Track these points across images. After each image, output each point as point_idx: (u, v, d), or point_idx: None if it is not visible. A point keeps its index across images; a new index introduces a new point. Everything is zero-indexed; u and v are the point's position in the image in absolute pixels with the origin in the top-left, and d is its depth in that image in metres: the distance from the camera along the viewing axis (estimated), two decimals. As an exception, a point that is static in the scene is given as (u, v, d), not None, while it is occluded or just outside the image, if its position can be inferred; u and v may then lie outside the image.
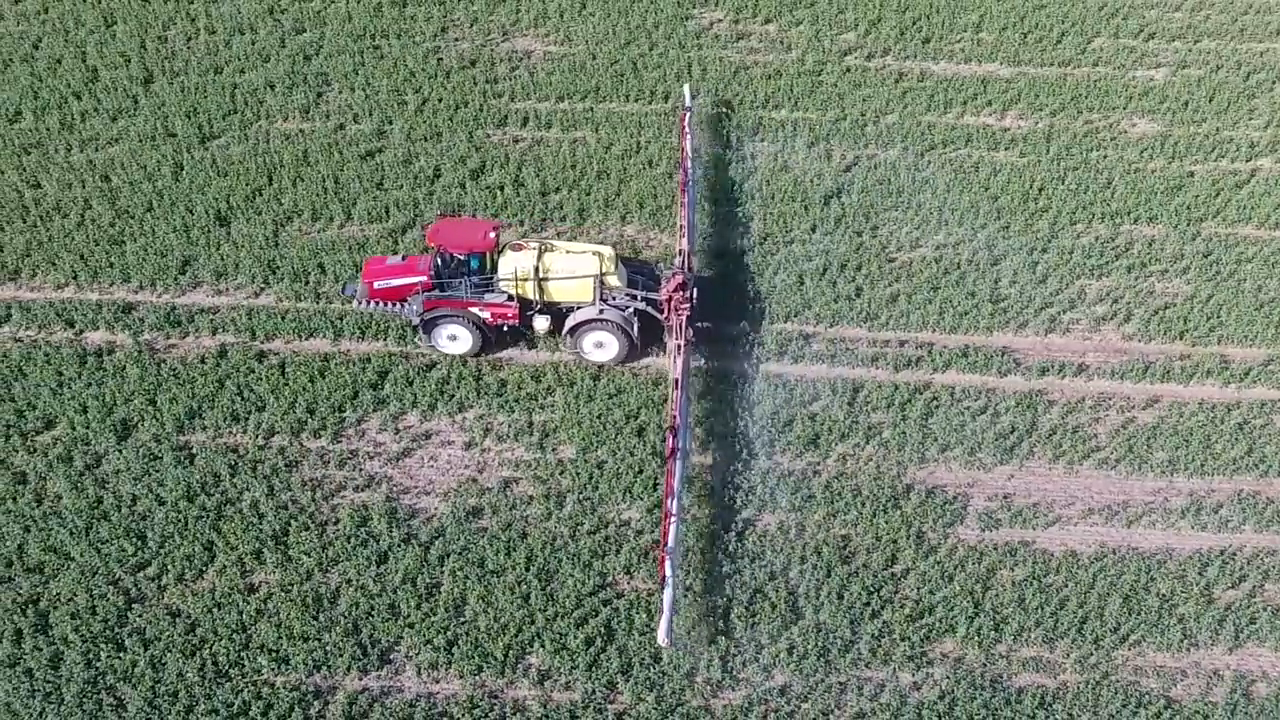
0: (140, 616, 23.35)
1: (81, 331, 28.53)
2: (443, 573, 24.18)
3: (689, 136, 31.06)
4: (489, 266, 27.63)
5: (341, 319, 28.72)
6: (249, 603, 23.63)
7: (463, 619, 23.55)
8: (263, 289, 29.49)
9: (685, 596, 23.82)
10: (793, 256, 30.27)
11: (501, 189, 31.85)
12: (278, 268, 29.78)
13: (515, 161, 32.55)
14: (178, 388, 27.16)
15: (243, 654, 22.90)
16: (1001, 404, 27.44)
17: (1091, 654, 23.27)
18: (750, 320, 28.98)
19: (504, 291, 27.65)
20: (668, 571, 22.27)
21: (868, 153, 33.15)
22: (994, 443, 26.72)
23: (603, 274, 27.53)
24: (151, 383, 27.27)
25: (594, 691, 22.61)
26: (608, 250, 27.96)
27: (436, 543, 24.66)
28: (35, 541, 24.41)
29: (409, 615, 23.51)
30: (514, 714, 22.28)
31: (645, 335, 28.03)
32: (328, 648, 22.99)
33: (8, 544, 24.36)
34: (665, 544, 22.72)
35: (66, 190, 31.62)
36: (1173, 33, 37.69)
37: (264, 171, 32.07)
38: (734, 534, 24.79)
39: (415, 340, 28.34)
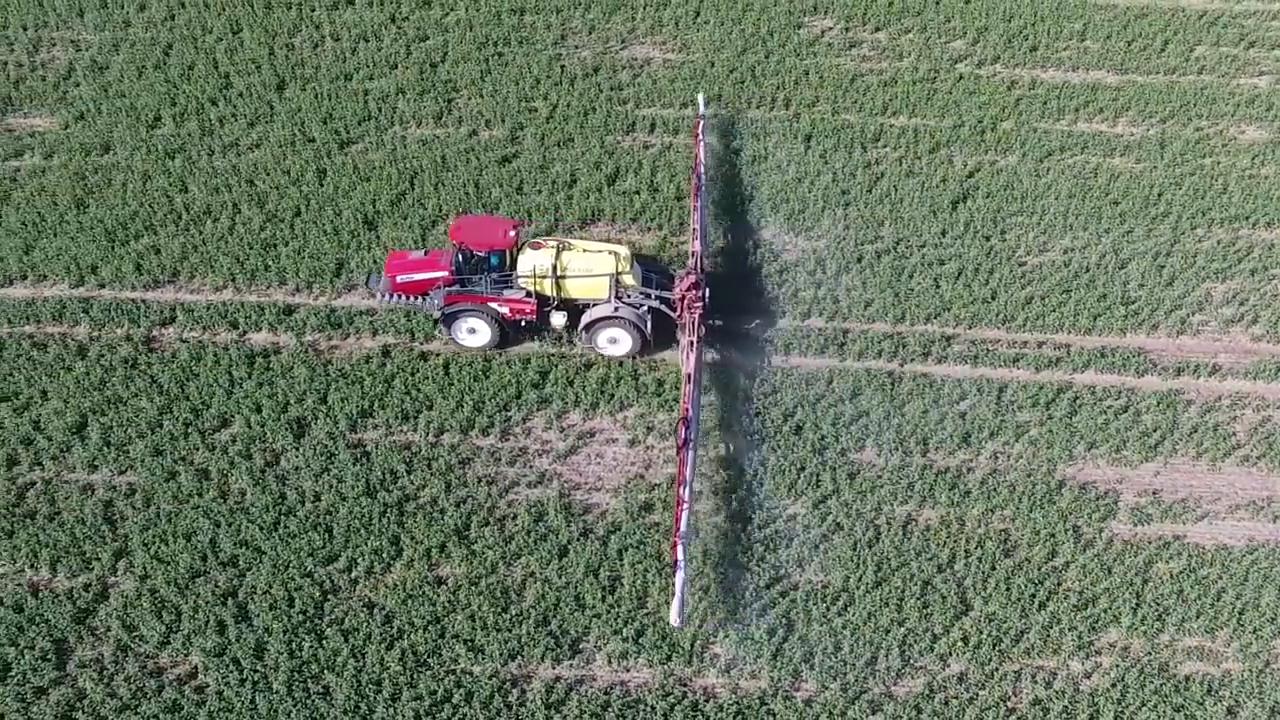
0: (337, 608, 24.27)
1: (245, 333, 29.39)
2: (622, 565, 25.11)
3: (702, 143, 32.11)
4: (509, 263, 28.68)
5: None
6: (439, 595, 24.55)
7: (646, 610, 24.50)
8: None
9: (857, 588, 24.78)
10: (926, 260, 31.22)
11: (637, 194, 32.76)
12: (430, 271, 30.72)
13: (648, 167, 33.47)
14: (347, 387, 28.05)
15: (439, 644, 23.85)
16: (1142, 403, 28.40)
17: (1252, 643, 24.25)
18: (892, 321, 29.92)
19: (523, 288, 28.66)
20: (680, 555, 23.21)
21: (988, 159, 34.09)
22: (1138, 440, 27.67)
23: (618, 273, 28.54)
24: (320, 383, 28.14)
25: (780, 679, 23.57)
26: (624, 250, 29.02)
27: (613, 537, 25.59)
28: (226, 536, 25.31)
29: (594, 607, 24.43)
30: (705, 701, 23.23)
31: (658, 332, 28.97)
32: (521, 638, 23.93)
33: (200, 538, 25.27)
34: (678, 530, 23.64)
35: (214, 194, 32.47)
36: (1272, 41, 38.67)
37: (405, 176, 32.95)
38: (898, 527, 25.77)
39: (435, 332, 29.34)
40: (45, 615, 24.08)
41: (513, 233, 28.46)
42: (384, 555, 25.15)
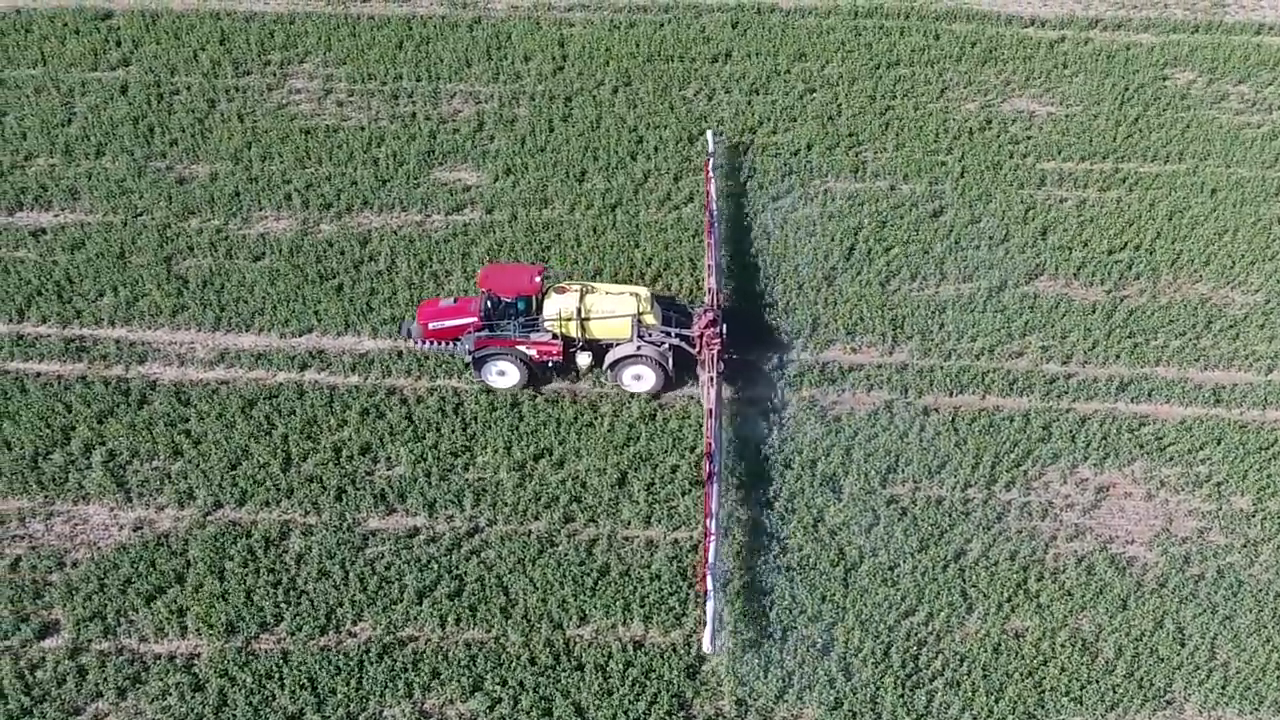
0: (926, 652, 25.55)
1: (742, 387, 30.61)
2: (1183, 617, 26.46)
3: (713, 181, 33.74)
4: (535, 308, 30.18)
5: (988, 375, 30.82)
6: (1021, 646, 25.85)
7: (1215, 659, 25.86)
8: (893, 347, 31.61)
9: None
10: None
11: (1069, 250, 34.08)
12: (899, 325, 31.93)
13: (1073, 221, 34.79)
14: (866, 443, 29.25)
15: (1040, 694, 25.14)
16: None
17: None
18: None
19: (549, 330, 30.17)
20: (709, 586, 24.76)
21: (1386, 212, 35.71)
22: None
23: (640, 313, 30.09)
24: (842, 438, 29.30)
25: (1357, 727, 25.07)
26: (644, 291, 30.69)
27: (1163, 590, 26.94)
28: (802, 591, 26.49)
29: (1169, 657, 25.76)
30: (1299, 749, 24.70)
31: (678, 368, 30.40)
32: (1114, 688, 25.26)
33: (780, 593, 26.43)
34: (706, 561, 25.19)
35: (666, 250, 33.58)
36: None
37: (849, 231, 34.16)
38: None
39: (468, 376, 30.68)
40: (656, 669, 25.31)
41: (538, 279, 29.97)
42: (957, 609, 26.45)
